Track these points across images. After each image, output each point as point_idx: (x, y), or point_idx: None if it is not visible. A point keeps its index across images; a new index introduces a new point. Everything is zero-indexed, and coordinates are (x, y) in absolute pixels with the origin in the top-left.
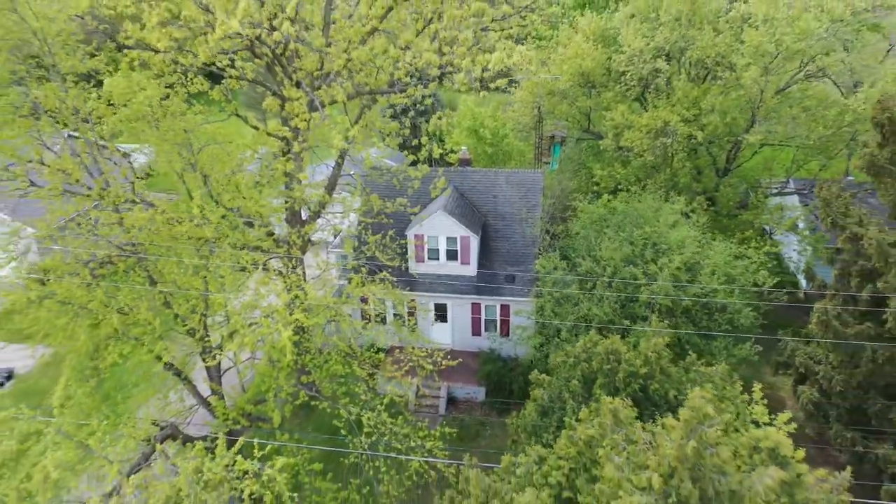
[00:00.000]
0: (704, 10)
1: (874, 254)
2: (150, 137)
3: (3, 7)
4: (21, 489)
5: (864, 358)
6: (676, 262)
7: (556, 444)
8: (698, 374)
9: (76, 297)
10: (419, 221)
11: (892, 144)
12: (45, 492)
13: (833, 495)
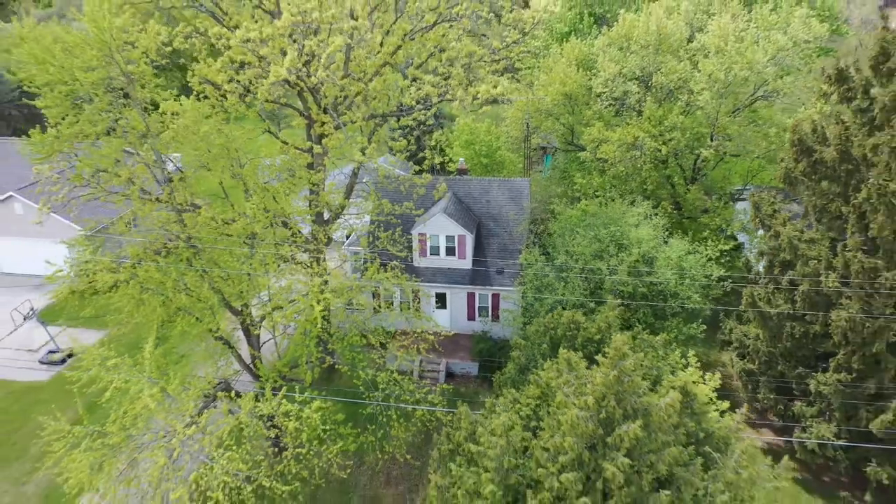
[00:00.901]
0: (669, 41)
1: (787, 248)
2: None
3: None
4: (121, 421)
5: (784, 333)
6: (634, 256)
7: (526, 389)
8: (642, 340)
9: (153, 281)
10: (423, 222)
11: (804, 161)
12: (139, 422)
13: (734, 424)
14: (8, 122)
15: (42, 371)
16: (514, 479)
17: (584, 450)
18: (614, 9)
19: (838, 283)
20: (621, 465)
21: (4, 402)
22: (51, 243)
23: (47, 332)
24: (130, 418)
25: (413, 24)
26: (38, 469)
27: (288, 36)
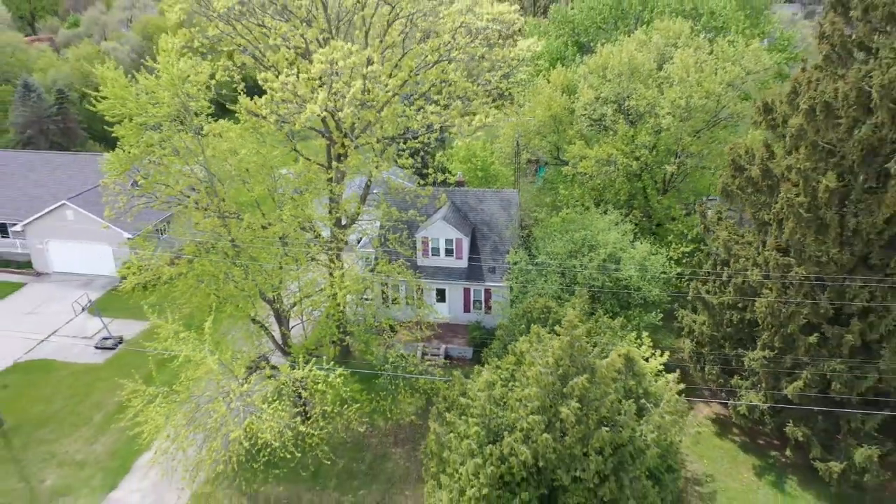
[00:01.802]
0: (639, 71)
1: (723, 249)
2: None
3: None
4: (187, 383)
5: (724, 320)
6: (602, 255)
7: (506, 358)
8: (602, 323)
9: (206, 273)
10: (425, 227)
11: (738, 177)
12: (200, 383)
13: (671, 384)
14: (46, 136)
15: (98, 355)
16: (494, 423)
17: (546, 398)
18: (597, 38)
19: (760, 276)
20: (573, 409)
21: (68, 380)
22: (97, 245)
23: (102, 322)
24: (194, 380)
25: (418, 62)
26: (105, 431)
27: (318, 79)
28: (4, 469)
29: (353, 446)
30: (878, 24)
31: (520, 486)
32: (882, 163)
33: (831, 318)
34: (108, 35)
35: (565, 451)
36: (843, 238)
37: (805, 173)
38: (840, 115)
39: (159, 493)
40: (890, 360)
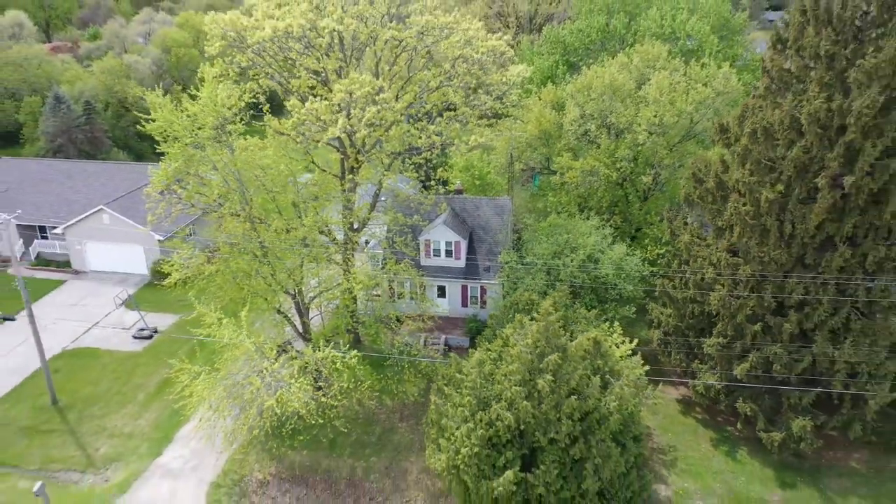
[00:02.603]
0: (620, 91)
1: (684, 250)
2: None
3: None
4: (227, 361)
5: (686, 312)
6: (582, 256)
7: (495, 341)
8: (579, 313)
9: (240, 270)
10: (428, 231)
11: (699, 188)
12: (238, 364)
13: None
14: (74, 145)
15: (136, 344)
16: (483, 394)
17: (526, 372)
18: (586, 58)
19: (714, 274)
20: (547, 381)
21: (112, 365)
22: (130, 246)
23: (139, 314)
24: (233, 360)
25: (422, 87)
26: (148, 408)
27: (337, 104)
28: (63, 440)
29: (364, 421)
30: (808, 62)
31: (505, 447)
32: (812, 178)
33: (773, 309)
34: (128, 47)
35: (542, 417)
36: (782, 241)
37: (750, 186)
38: (777, 137)
39: (199, 458)
40: (822, 345)
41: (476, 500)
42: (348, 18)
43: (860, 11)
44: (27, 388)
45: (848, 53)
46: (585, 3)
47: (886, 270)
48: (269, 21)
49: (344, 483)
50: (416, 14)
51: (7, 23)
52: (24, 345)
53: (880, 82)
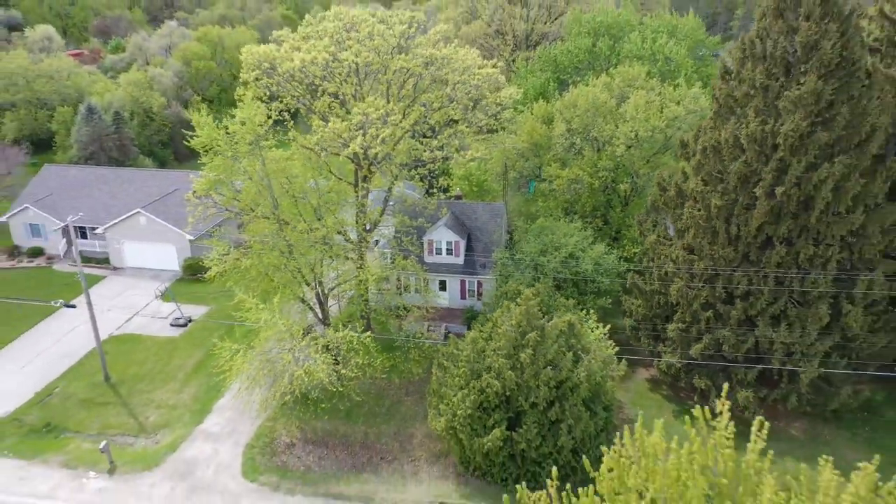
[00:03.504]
0: (602, 108)
1: (650, 249)
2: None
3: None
4: (262, 342)
5: (653, 302)
6: (563, 254)
7: (486, 324)
8: (559, 302)
9: (271, 265)
10: (431, 232)
11: (663, 195)
12: (270, 343)
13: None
14: (105, 152)
15: (173, 331)
16: (476, 366)
17: (510, 347)
18: (575, 76)
19: (673, 269)
20: (528, 355)
21: (154, 348)
22: (164, 245)
23: (176, 305)
24: (267, 339)
25: (426, 108)
26: (187, 385)
27: (355, 124)
28: (117, 410)
29: (376, 395)
30: (748, 90)
31: (494, 410)
32: (752, 188)
33: (723, 299)
34: (150, 59)
35: (524, 384)
36: (729, 241)
37: (703, 194)
38: (724, 153)
39: (234, 425)
40: (763, 329)
41: (470, 454)
42: (365, 52)
43: (789, 51)
44: (82, 368)
45: (779, 85)
46: (575, 26)
47: (816, 266)
48: (297, 53)
49: (358, 445)
50: (422, 47)
51: (38, 36)
52: (73, 332)
53: (804, 110)
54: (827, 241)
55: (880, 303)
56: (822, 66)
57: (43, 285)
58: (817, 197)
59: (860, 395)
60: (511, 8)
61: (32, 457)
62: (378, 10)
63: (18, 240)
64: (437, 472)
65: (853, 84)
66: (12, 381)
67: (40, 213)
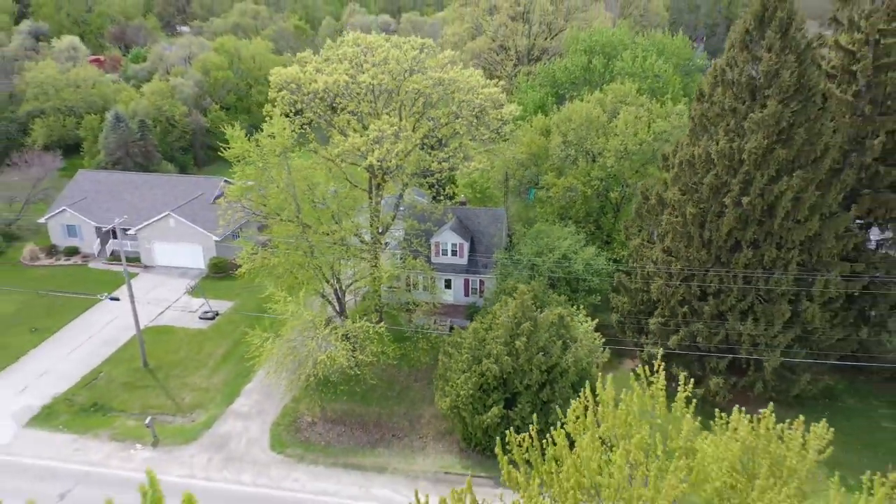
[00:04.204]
0: (595, 122)
1: (635, 252)
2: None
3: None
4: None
5: (637, 299)
6: (557, 255)
7: (487, 317)
8: (551, 298)
9: (295, 263)
10: (437, 234)
11: (646, 203)
12: (294, 332)
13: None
14: (131, 158)
15: (201, 323)
16: (477, 353)
17: (507, 336)
18: (571, 92)
19: (654, 269)
20: (522, 342)
21: (185, 339)
22: (191, 245)
23: (204, 299)
24: (293, 328)
25: (434, 122)
26: (217, 371)
27: (372, 139)
28: (156, 392)
29: (387, 381)
30: (719, 111)
31: (492, 391)
32: (722, 198)
33: (698, 296)
34: (170, 69)
35: (519, 368)
36: (702, 245)
37: (679, 203)
38: (697, 167)
39: (262, 406)
40: (732, 323)
41: (472, 430)
42: (380, 75)
43: (754, 78)
44: (122, 355)
45: (745, 108)
46: (572, 44)
47: (778, 267)
48: (320, 75)
49: (372, 424)
50: (431, 70)
51: (64, 46)
52: (111, 324)
53: (766, 130)
54: (788, 245)
55: (837, 300)
56: (781, 92)
57: (80, 281)
58: (778, 206)
59: (819, 383)
60: (514, 25)
61: (84, 431)
62: (392, 37)
63: (56, 239)
64: (443, 447)
65: (810, 108)
66: (61, 366)
67: (76, 215)
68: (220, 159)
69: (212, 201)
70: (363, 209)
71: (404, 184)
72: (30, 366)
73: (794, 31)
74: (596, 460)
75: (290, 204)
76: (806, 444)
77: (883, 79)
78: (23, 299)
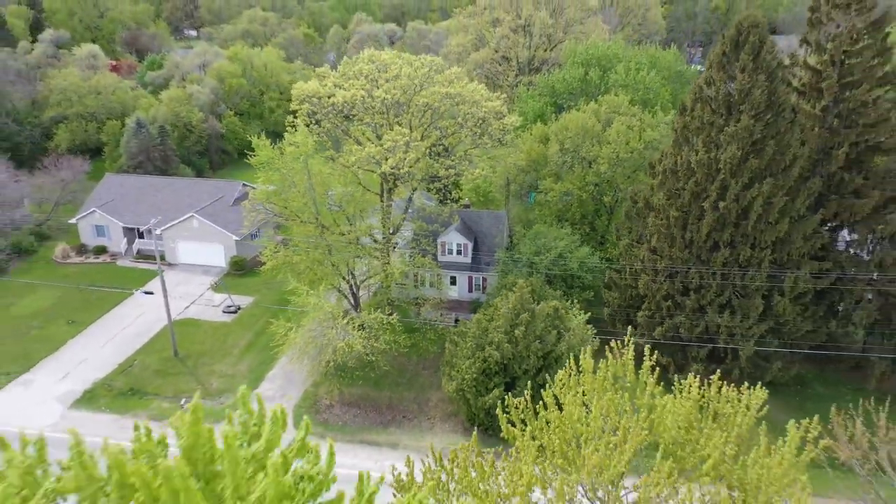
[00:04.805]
0: (590, 131)
1: (624, 251)
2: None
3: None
4: (310, 321)
5: (626, 295)
6: (553, 254)
7: (489, 309)
8: (548, 292)
9: (315, 261)
10: (444, 235)
11: (634, 206)
12: (314, 323)
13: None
14: (151, 162)
15: (225, 316)
16: (480, 341)
17: (507, 325)
18: (569, 102)
19: (640, 267)
20: (521, 331)
21: (210, 331)
22: (212, 244)
23: (228, 295)
24: (314, 318)
25: (441, 132)
26: (241, 360)
27: (386, 148)
28: (186, 378)
29: (398, 368)
30: (698, 125)
31: (494, 375)
32: (701, 203)
33: (680, 291)
34: (186, 76)
35: (518, 354)
36: (684, 245)
37: (664, 207)
38: (679, 175)
39: (284, 390)
40: (712, 316)
41: (475, 411)
42: (393, 90)
43: (729, 94)
44: (153, 345)
45: (721, 122)
46: (570, 57)
47: (752, 265)
48: (339, 90)
49: (385, 407)
50: (439, 85)
51: (84, 54)
52: (141, 317)
53: (739, 142)
54: (761, 245)
55: (806, 295)
56: (753, 108)
57: (109, 278)
58: (752, 210)
59: (791, 371)
60: (515, 37)
61: (125, 412)
62: (404, 53)
63: (85, 238)
64: (449, 427)
65: (780, 122)
66: (98, 355)
67: (105, 216)
68: (233, 162)
69: (231, 203)
70: (376, 211)
71: (413, 188)
72: (69, 355)
73: (765, 54)
74: (577, 414)
75: (310, 207)
76: (747, 403)
77: (847, 95)
78: (58, 294)
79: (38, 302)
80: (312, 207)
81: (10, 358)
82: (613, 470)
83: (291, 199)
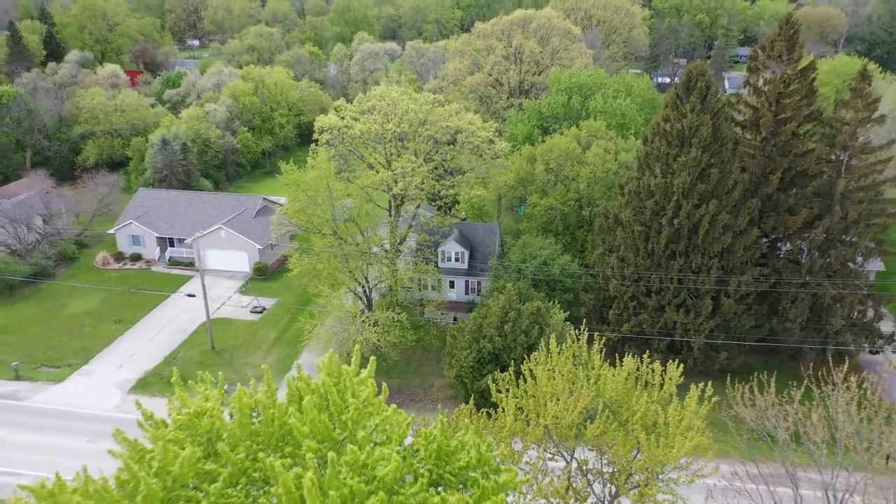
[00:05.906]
0: (571, 154)
1: (598, 259)
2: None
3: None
4: (332, 318)
5: (601, 297)
6: (538, 262)
7: (482, 309)
8: (532, 294)
9: (335, 267)
10: (443, 245)
11: (606, 221)
12: (336, 320)
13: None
14: (175, 176)
15: (252, 316)
16: (475, 335)
17: (498, 321)
18: (554, 125)
19: (610, 273)
20: (509, 327)
21: (241, 328)
22: (238, 252)
23: (255, 297)
24: (335, 318)
25: (442, 157)
26: (270, 353)
27: (397, 173)
28: (224, 368)
29: (405, 359)
30: (657, 154)
31: (487, 364)
32: (659, 219)
33: (644, 293)
34: (201, 94)
35: (507, 346)
36: (646, 254)
37: (629, 222)
38: (642, 195)
39: None
40: (670, 314)
41: (471, 392)
42: (403, 124)
43: (682, 130)
44: (192, 340)
45: (675, 152)
46: (554, 83)
47: (703, 271)
48: (356, 123)
49: (395, 391)
50: (441, 119)
51: (107, 74)
52: (179, 317)
53: (689, 170)
54: (710, 255)
55: (749, 296)
56: (701, 141)
57: (146, 282)
58: (700, 226)
59: (736, 360)
60: (507, 63)
61: None
62: (409, 90)
63: (122, 247)
64: (450, 408)
65: (723, 153)
66: (146, 349)
67: (140, 227)
68: (247, 174)
69: (254, 215)
70: (385, 224)
71: (417, 205)
72: (120, 349)
73: (710, 97)
74: (545, 381)
75: (331, 223)
76: (670, 376)
77: (781, 129)
78: (103, 296)
79: (87, 303)
80: (332, 223)
81: (71, 352)
82: (568, 418)
83: (315, 216)
